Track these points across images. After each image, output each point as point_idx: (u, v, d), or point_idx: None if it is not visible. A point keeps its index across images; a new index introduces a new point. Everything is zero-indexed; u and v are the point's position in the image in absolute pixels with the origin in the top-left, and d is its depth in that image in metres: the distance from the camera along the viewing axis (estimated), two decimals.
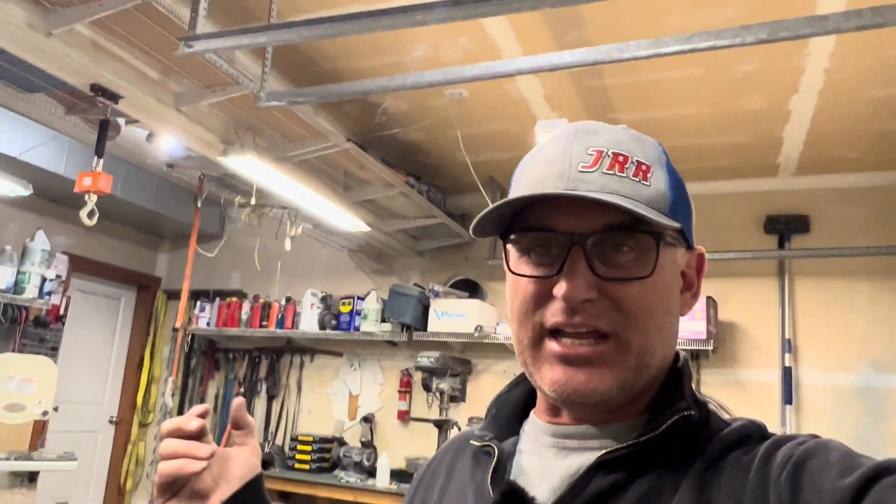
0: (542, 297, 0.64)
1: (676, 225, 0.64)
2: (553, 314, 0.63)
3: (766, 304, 3.96)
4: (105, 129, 2.51)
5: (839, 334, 3.80)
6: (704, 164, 3.91)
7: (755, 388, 3.88)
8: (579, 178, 0.63)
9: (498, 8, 1.53)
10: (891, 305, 3.74)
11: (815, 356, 3.83)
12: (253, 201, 3.25)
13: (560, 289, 0.62)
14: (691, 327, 3.62)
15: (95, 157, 2.48)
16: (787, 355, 3.82)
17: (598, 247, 0.63)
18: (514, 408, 0.77)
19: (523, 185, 0.67)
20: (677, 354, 0.70)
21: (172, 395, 3.74)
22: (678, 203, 0.67)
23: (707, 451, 0.62)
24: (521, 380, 0.77)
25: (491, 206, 0.65)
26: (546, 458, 0.68)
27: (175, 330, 4.27)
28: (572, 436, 0.67)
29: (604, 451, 0.62)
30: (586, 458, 0.64)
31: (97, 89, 2.38)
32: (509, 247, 0.68)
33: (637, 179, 0.64)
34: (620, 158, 0.64)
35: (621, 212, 0.61)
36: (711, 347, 3.69)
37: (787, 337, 3.85)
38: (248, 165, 2.92)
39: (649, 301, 0.63)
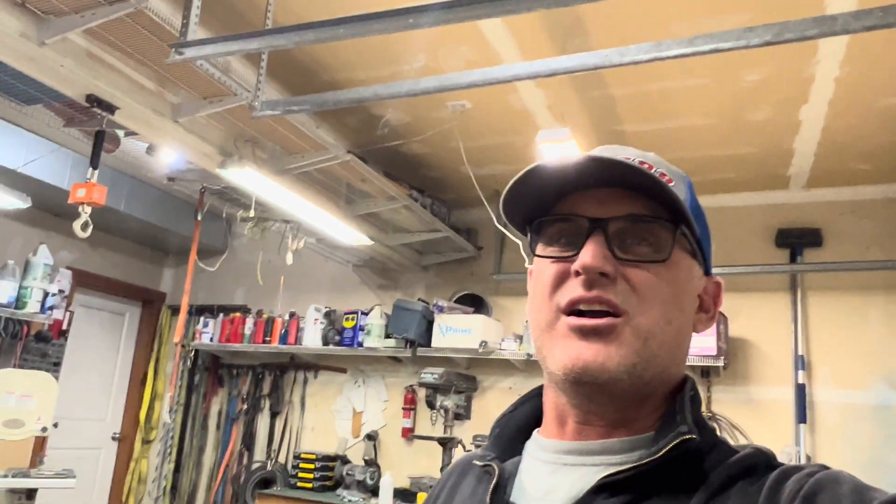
0: (561, 277, 0.66)
1: (693, 229, 0.66)
2: (571, 290, 0.65)
3: (778, 319, 3.86)
4: (100, 139, 2.48)
5: (854, 350, 3.69)
6: (713, 177, 3.84)
7: (768, 407, 3.77)
8: (609, 165, 0.65)
9: (492, 9, 1.48)
10: None
11: (828, 373, 3.72)
12: (252, 213, 3.20)
13: (578, 261, 0.64)
14: (701, 343, 3.53)
15: (90, 168, 2.45)
16: (800, 372, 3.72)
17: (618, 233, 0.65)
18: (518, 428, 0.77)
19: (552, 184, 0.69)
20: (686, 378, 0.70)
21: (171, 411, 3.67)
22: (698, 219, 0.68)
23: (712, 480, 0.60)
24: (525, 400, 0.78)
25: (529, 167, 0.66)
26: (546, 476, 0.68)
27: (176, 345, 4.21)
28: (573, 451, 0.67)
29: (605, 475, 0.62)
30: (586, 475, 0.64)
31: (93, 100, 2.35)
32: (536, 237, 0.71)
33: (663, 180, 0.65)
34: (646, 165, 0.67)
35: (643, 205, 0.64)
36: (722, 364, 3.59)
37: (800, 353, 3.74)
38: (248, 177, 2.88)
39: (662, 288, 0.65)
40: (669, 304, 0.65)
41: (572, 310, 0.65)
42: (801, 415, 3.65)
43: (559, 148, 2.53)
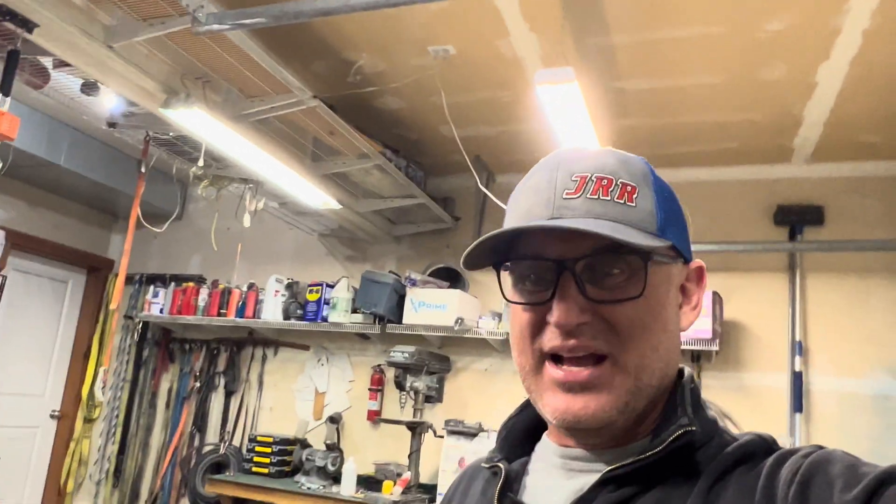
0: (538, 324, 0.66)
1: (665, 243, 0.65)
2: (550, 339, 0.65)
3: (775, 301, 3.61)
4: (14, 61, 2.07)
5: (853, 336, 3.46)
6: (713, 146, 3.55)
7: (761, 394, 3.53)
8: (564, 205, 0.65)
9: None
10: None
11: (826, 360, 3.48)
12: (201, 164, 2.81)
13: (552, 315, 0.64)
14: (696, 324, 3.23)
15: (0, 96, 2.04)
16: (796, 358, 3.48)
17: (587, 270, 0.64)
18: (525, 430, 0.78)
19: (514, 215, 0.69)
20: (682, 371, 0.71)
21: (104, 387, 3.28)
22: (669, 220, 0.67)
23: (713, 468, 0.62)
24: (530, 402, 0.76)
25: (481, 237, 0.66)
26: (554, 478, 0.70)
27: (112, 312, 3.81)
28: (579, 458, 0.69)
29: (609, 468, 0.63)
30: (593, 478, 0.64)
31: (5, 12, 1.94)
32: (505, 276, 0.70)
33: (622, 202, 0.65)
34: (605, 182, 0.65)
35: (609, 237, 0.62)
36: (717, 348, 3.33)
37: (797, 338, 3.50)
38: (197, 121, 2.49)
39: (643, 320, 0.64)
40: (653, 332, 0.65)
41: (556, 356, 0.65)
42: (797, 403, 3.41)
43: (559, 90, 2.20)
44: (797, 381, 3.44)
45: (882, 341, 3.41)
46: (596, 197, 0.64)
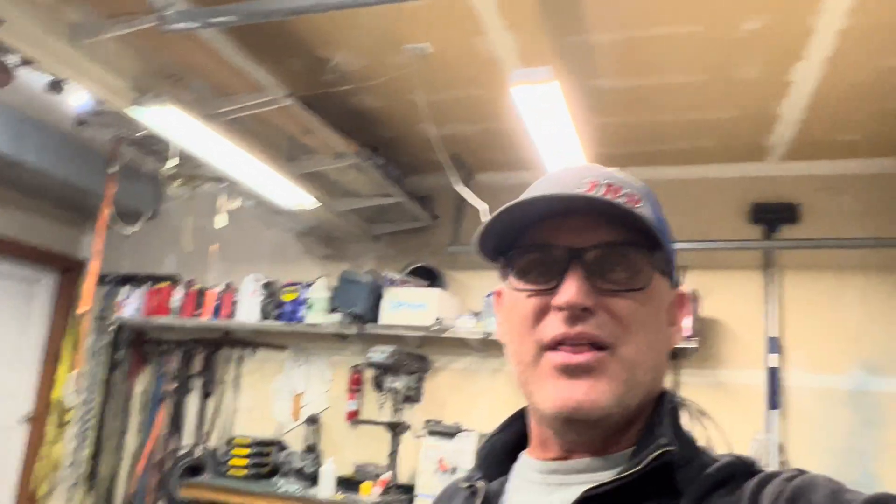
0: (541, 312, 0.66)
1: (664, 251, 0.68)
2: (553, 327, 0.65)
3: (751, 299, 3.63)
4: None
5: (829, 333, 3.49)
6: (690, 144, 3.56)
7: (739, 391, 3.55)
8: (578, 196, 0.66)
9: None
10: (884, 302, 3.45)
11: (803, 356, 3.51)
12: (172, 163, 2.76)
13: (560, 297, 0.64)
14: None
15: None
16: (773, 355, 3.50)
17: (596, 262, 0.65)
18: (505, 448, 0.77)
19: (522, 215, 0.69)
20: (664, 392, 0.71)
21: (76, 391, 3.21)
22: (664, 237, 0.68)
23: (693, 490, 0.62)
24: (512, 421, 0.78)
25: (502, 208, 0.66)
26: (533, 494, 0.69)
27: (81, 315, 3.73)
28: (558, 471, 0.68)
29: (588, 487, 0.62)
30: (571, 493, 0.64)
31: None
32: (508, 268, 0.70)
33: (630, 206, 0.66)
34: (614, 187, 0.67)
35: (617, 231, 0.65)
36: (695, 346, 3.35)
37: (773, 335, 3.53)
38: (168, 120, 2.44)
39: (643, 315, 0.66)
40: (650, 330, 0.66)
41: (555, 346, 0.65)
42: (774, 400, 3.44)
43: (536, 90, 2.18)
44: (773, 377, 3.46)
45: (857, 337, 3.45)
46: (608, 197, 0.66)
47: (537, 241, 0.67)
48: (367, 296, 3.78)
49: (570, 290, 0.63)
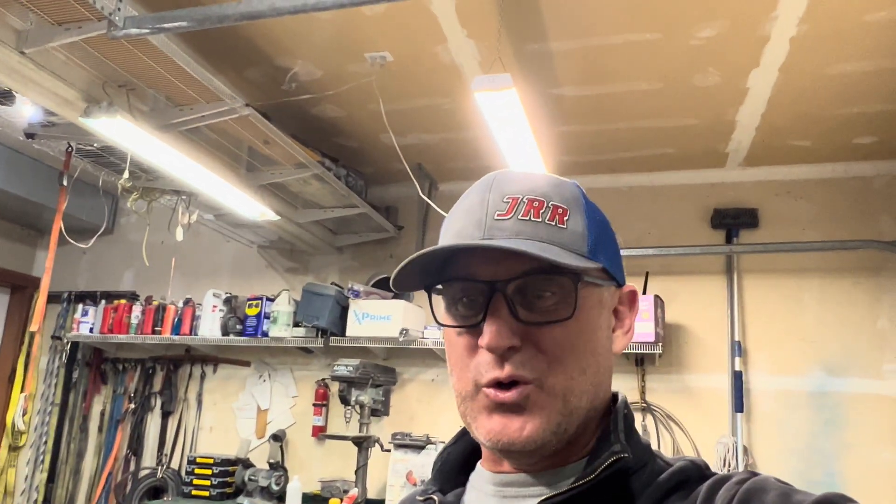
0: (472, 348, 0.66)
1: (596, 265, 0.66)
2: (486, 368, 0.64)
3: (715, 303, 3.68)
4: None
5: (789, 335, 3.55)
6: (650, 152, 3.60)
7: (704, 395, 3.58)
8: (495, 225, 0.65)
9: None
10: (841, 304, 3.52)
11: (765, 359, 3.56)
12: (127, 176, 2.68)
13: (483, 339, 0.63)
14: (639, 329, 3.27)
15: None
16: (736, 359, 3.54)
17: (519, 293, 0.64)
18: (460, 460, 0.77)
19: (447, 236, 0.69)
20: (616, 396, 0.72)
21: (25, 414, 3.09)
22: (599, 243, 0.68)
23: (647, 495, 0.62)
24: (465, 432, 0.77)
25: (409, 257, 0.65)
26: None
27: (33, 334, 3.60)
28: (513, 483, 0.68)
29: (542, 498, 0.63)
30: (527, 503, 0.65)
31: None
32: (438, 299, 0.69)
33: (553, 223, 0.65)
34: (536, 203, 0.66)
35: (538, 257, 0.62)
36: (660, 351, 3.36)
37: (736, 339, 3.57)
38: (121, 131, 2.37)
39: (572, 342, 0.64)
40: (581, 355, 0.65)
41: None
42: (738, 403, 3.47)
43: (498, 97, 2.17)
44: (737, 381, 3.50)
45: (816, 339, 3.51)
46: (527, 218, 0.65)
47: (460, 273, 0.66)
48: (331, 308, 3.72)
49: (491, 331, 0.62)
